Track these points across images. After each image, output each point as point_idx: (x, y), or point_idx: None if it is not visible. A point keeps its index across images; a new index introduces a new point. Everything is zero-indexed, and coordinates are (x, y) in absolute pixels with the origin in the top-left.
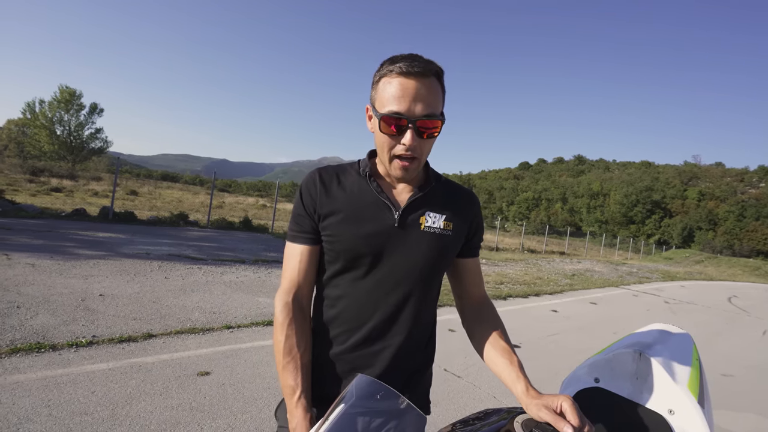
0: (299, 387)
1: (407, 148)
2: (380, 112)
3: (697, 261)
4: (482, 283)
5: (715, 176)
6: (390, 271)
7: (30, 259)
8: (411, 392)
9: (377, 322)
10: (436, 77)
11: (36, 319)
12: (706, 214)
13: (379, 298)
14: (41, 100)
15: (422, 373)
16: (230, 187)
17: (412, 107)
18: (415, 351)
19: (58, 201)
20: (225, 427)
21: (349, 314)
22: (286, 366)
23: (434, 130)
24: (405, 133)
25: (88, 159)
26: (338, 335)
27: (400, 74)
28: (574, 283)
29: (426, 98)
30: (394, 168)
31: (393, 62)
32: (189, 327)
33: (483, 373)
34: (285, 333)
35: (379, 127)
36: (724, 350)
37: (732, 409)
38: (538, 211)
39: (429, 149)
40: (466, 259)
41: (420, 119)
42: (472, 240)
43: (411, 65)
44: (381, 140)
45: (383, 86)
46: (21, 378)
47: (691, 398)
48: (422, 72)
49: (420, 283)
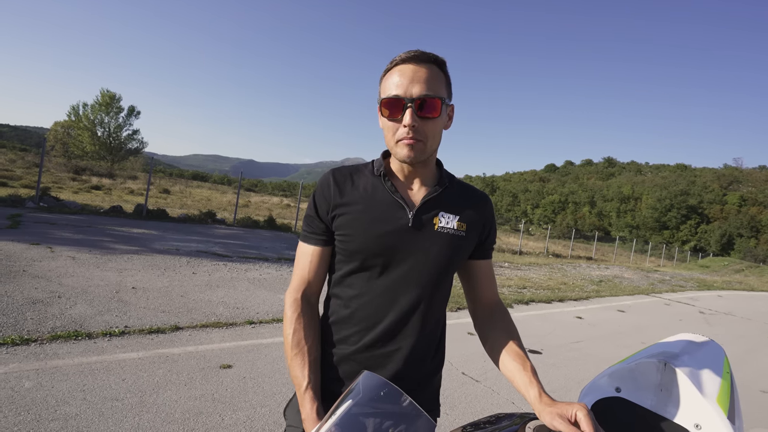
0: (306, 379)
1: (408, 129)
2: (381, 98)
3: (737, 270)
4: (495, 286)
5: (759, 180)
6: (403, 271)
7: (71, 253)
8: (421, 394)
9: (390, 322)
10: (435, 64)
11: (74, 309)
12: (747, 220)
13: (392, 298)
14: (84, 104)
15: (433, 374)
16: (256, 186)
17: (409, 89)
18: (426, 352)
19: (97, 198)
20: (245, 419)
21: (361, 314)
22: (294, 358)
23: (434, 110)
24: (404, 114)
25: (126, 159)
26: (351, 335)
27: (400, 62)
28: (601, 289)
29: (424, 80)
30: (399, 150)
31: (392, 60)
32: (213, 321)
33: (502, 378)
34: (293, 327)
35: (380, 113)
36: (764, 366)
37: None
38: (564, 214)
39: (436, 133)
40: (478, 261)
41: (417, 98)
42: (486, 242)
43: (408, 53)
44: (386, 127)
45: (385, 79)
46: (60, 363)
47: (720, 413)
48: (419, 57)
49: (432, 284)
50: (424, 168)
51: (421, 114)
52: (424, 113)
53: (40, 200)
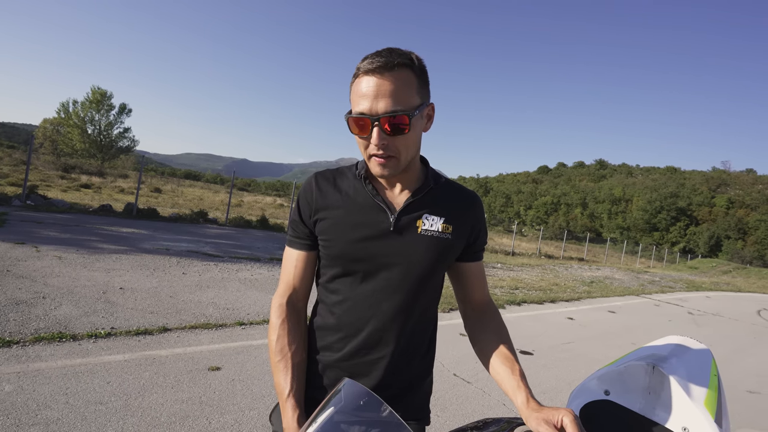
0: (289, 386)
1: (378, 147)
2: (348, 114)
3: (725, 271)
4: (486, 287)
5: (746, 183)
6: (386, 276)
7: (57, 252)
8: (409, 401)
9: (373, 329)
10: (404, 68)
11: (59, 310)
12: (735, 222)
13: (375, 304)
14: (74, 101)
15: (422, 379)
16: (249, 186)
17: (374, 106)
18: (413, 358)
19: (86, 197)
20: (232, 423)
21: (345, 321)
22: (278, 365)
23: (402, 126)
24: (371, 133)
25: (116, 157)
26: (335, 342)
27: (364, 73)
28: (593, 290)
29: (389, 94)
30: (372, 166)
31: (361, 62)
32: (203, 322)
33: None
34: (277, 333)
35: (349, 129)
36: (751, 366)
37: (758, 428)
38: (556, 215)
39: (409, 145)
40: (468, 263)
41: (383, 116)
42: (475, 243)
43: (372, 62)
44: (357, 142)
45: (353, 88)
46: (42, 366)
47: (707, 416)
48: (384, 66)
49: (418, 288)
50: (405, 172)
51: (390, 131)
52: (392, 131)
53: (27, 198)
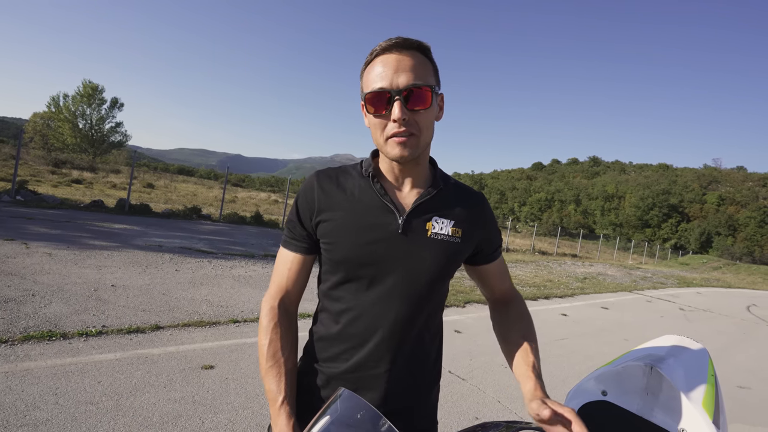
0: (282, 393)
1: (399, 123)
2: (364, 93)
3: (715, 267)
4: (507, 280)
5: (737, 180)
6: (393, 282)
7: (47, 249)
8: (417, 413)
9: (380, 339)
10: (420, 51)
11: (49, 308)
12: (725, 219)
13: (382, 313)
14: (65, 95)
15: (429, 390)
16: (243, 182)
17: (394, 79)
18: (421, 369)
19: (78, 192)
20: (226, 422)
21: (351, 331)
22: (269, 371)
23: (424, 101)
24: (392, 107)
25: (108, 152)
26: (340, 353)
27: (381, 52)
28: (586, 286)
29: (409, 68)
30: (390, 148)
31: (373, 50)
32: (196, 320)
33: (488, 376)
34: (269, 337)
35: (365, 109)
36: (741, 361)
37: (748, 423)
38: (550, 212)
39: (428, 124)
40: (488, 265)
41: (406, 89)
42: (490, 245)
43: (389, 41)
44: (372, 124)
45: (366, 72)
46: (31, 365)
47: (705, 418)
48: (402, 44)
49: (426, 295)
50: (416, 167)
51: (411, 106)
52: (414, 105)
53: (16, 194)
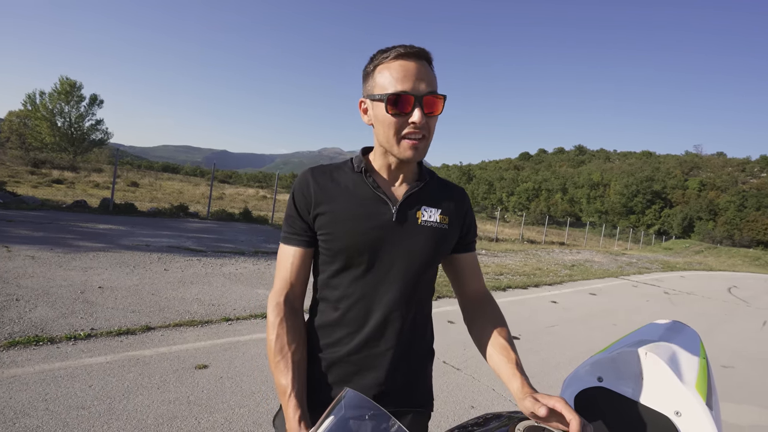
0: (290, 386)
1: (417, 126)
2: (385, 93)
3: (697, 251)
4: (481, 277)
5: (716, 166)
6: (388, 267)
7: (30, 252)
8: (416, 389)
9: (379, 321)
10: (430, 62)
11: (35, 312)
12: (706, 204)
13: (379, 296)
14: (41, 92)
15: (425, 366)
16: (230, 178)
17: (416, 85)
18: (417, 347)
19: (59, 193)
20: (222, 421)
21: (351, 315)
22: (278, 365)
23: (438, 108)
24: (413, 111)
25: (89, 151)
26: (342, 337)
27: (399, 57)
28: (574, 273)
29: (427, 78)
30: (403, 149)
31: (388, 50)
32: (188, 319)
33: (482, 366)
34: (276, 332)
35: (385, 109)
36: (723, 341)
37: (733, 401)
38: (537, 201)
39: (433, 130)
40: (462, 254)
41: (426, 95)
42: (467, 235)
43: (407, 48)
44: (387, 122)
45: (381, 72)
46: (19, 372)
47: (699, 400)
48: (419, 54)
49: (418, 278)
50: (408, 164)
51: (427, 112)
52: (430, 111)
53: None
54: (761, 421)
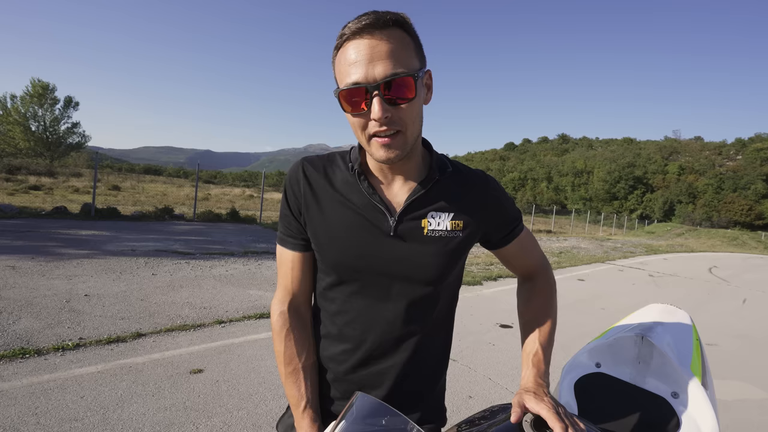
0: (304, 397)
1: (380, 122)
2: (337, 89)
3: (678, 234)
4: (533, 256)
5: (694, 150)
6: (388, 286)
7: (10, 261)
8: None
9: (380, 340)
10: (397, 26)
11: (19, 324)
12: (686, 187)
13: (377, 316)
14: (12, 95)
15: (435, 383)
16: (215, 178)
17: (370, 72)
18: (424, 365)
19: (37, 199)
20: (221, 425)
21: (347, 333)
22: (289, 376)
23: (408, 91)
24: (371, 105)
25: (67, 155)
26: (339, 353)
27: (351, 36)
28: (562, 260)
29: (386, 55)
30: (375, 151)
31: (343, 28)
32: (179, 324)
33: (477, 355)
34: (284, 343)
35: (341, 107)
36: (707, 320)
37: (718, 378)
38: (524, 191)
39: (414, 117)
40: (503, 248)
41: (383, 82)
42: (498, 229)
43: (359, 21)
44: (351, 122)
45: (339, 59)
46: (5, 386)
47: (695, 381)
48: (374, 24)
49: (428, 293)
50: (407, 162)
51: (392, 98)
52: (396, 96)
53: None
54: (746, 395)
